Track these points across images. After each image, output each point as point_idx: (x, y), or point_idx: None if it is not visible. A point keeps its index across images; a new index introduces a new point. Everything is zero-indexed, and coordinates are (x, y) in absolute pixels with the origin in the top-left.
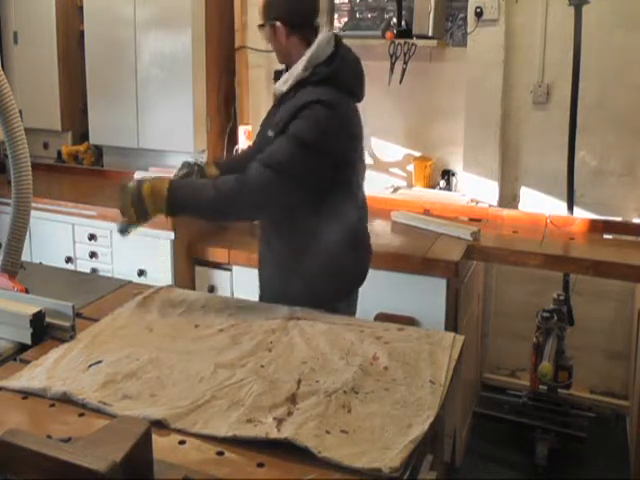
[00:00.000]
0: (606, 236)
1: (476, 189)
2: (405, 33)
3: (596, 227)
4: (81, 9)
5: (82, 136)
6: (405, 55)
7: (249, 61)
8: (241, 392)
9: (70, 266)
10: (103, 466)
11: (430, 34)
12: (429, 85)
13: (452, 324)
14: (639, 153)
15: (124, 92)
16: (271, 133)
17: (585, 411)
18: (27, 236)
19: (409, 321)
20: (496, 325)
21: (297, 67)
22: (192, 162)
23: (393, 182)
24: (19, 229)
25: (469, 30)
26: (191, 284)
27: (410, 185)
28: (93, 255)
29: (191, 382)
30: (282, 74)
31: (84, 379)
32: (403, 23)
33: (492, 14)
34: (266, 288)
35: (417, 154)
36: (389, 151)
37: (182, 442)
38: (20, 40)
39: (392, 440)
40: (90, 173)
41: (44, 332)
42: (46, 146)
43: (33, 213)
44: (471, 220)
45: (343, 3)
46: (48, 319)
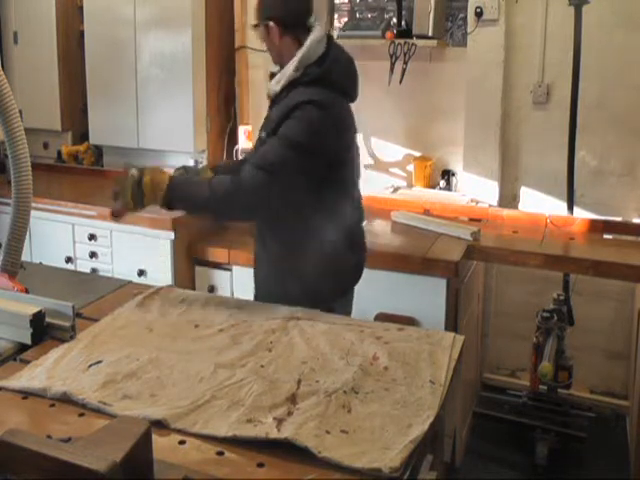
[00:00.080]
0: (606, 236)
1: (476, 189)
2: (405, 33)
3: (596, 227)
4: (81, 9)
5: (82, 136)
6: (405, 55)
7: (249, 61)
8: (241, 392)
9: (70, 266)
10: (103, 466)
11: (430, 34)
12: (429, 85)
13: (452, 324)
14: (639, 153)
15: (124, 92)
16: (264, 134)
17: (585, 411)
18: (27, 236)
19: (409, 321)
20: (496, 325)
21: (289, 67)
22: (189, 167)
23: (393, 182)
24: (19, 229)
25: (469, 30)
26: (191, 284)
27: (410, 185)
28: (93, 255)
29: (191, 382)
30: (276, 75)
31: (84, 379)
32: (403, 23)
33: (492, 14)
34: (261, 288)
35: (417, 154)
36: (389, 151)
37: (182, 442)
38: (20, 40)
39: (392, 440)
40: (90, 173)
41: (44, 332)
42: (46, 146)
43: (33, 213)
44: (471, 220)
45: (343, 3)
46: (48, 319)
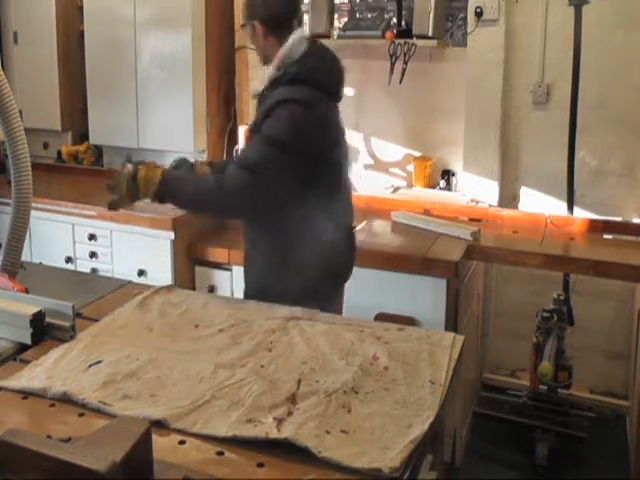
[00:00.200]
0: (606, 236)
1: (476, 189)
2: (405, 33)
3: (596, 227)
4: (81, 9)
5: (82, 136)
6: (405, 55)
7: (249, 61)
8: (241, 392)
9: (70, 266)
10: (103, 466)
11: (430, 34)
12: (429, 85)
13: (452, 324)
14: (639, 153)
15: (124, 92)
16: (249, 134)
17: (585, 411)
18: (27, 236)
19: (409, 321)
20: (496, 325)
21: (271, 67)
22: (185, 159)
23: (393, 182)
24: (19, 229)
25: (469, 30)
26: (191, 284)
27: (410, 185)
28: (93, 255)
29: (191, 382)
30: None
31: (84, 379)
32: (403, 23)
33: (492, 14)
34: (251, 287)
35: (417, 154)
36: (389, 151)
37: (182, 442)
38: (20, 40)
39: (392, 440)
40: (90, 173)
41: (44, 332)
42: (46, 146)
43: (33, 213)
44: (471, 220)
45: (343, 3)
46: (48, 319)
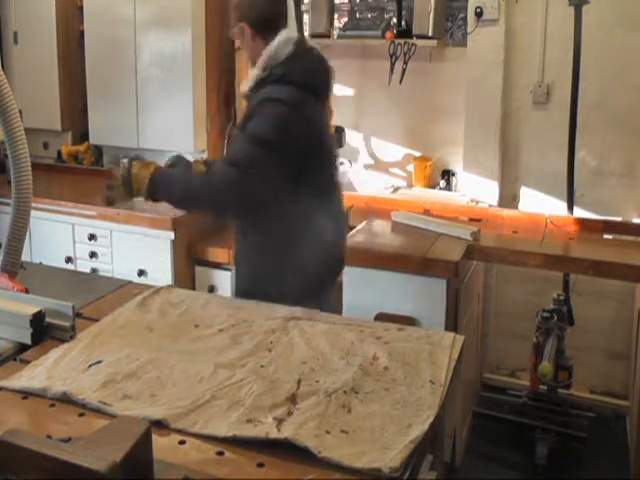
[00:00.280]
0: (606, 236)
1: (476, 189)
2: (405, 33)
3: (596, 227)
4: (81, 9)
5: (82, 136)
6: (405, 55)
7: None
8: (241, 392)
9: (70, 266)
10: (103, 466)
11: (430, 34)
12: (429, 85)
13: (452, 324)
14: (639, 153)
15: (124, 92)
16: (236, 132)
17: (585, 411)
18: (27, 236)
19: (409, 321)
20: (496, 325)
21: (257, 67)
22: (182, 157)
23: (393, 182)
24: (19, 229)
25: (469, 30)
26: (191, 284)
27: (410, 185)
28: (93, 255)
29: (191, 382)
30: None
31: (84, 379)
32: (403, 23)
33: (492, 14)
34: (239, 287)
35: (417, 154)
36: (389, 151)
37: (182, 442)
38: (20, 40)
39: (392, 440)
40: (90, 173)
41: (44, 332)
42: (46, 146)
43: (33, 213)
44: (471, 220)
45: (343, 3)
46: (48, 319)
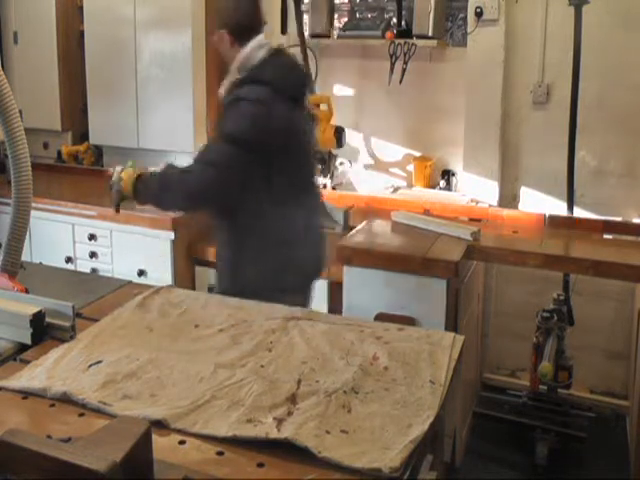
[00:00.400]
0: (606, 236)
1: (476, 189)
2: (405, 33)
3: (596, 227)
4: (81, 9)
5: (82, 136)
6: (405, 55)
7: None
8: (241, 392)
9: (70, 266)
10: (103, 466)
11: (430, 34)
12: (429, 85)
13: (452, 324)
14: (639, 153)
15: (124, 92)
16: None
17: (585, 411)
18: (27, 236)
19: (409, 321)
20: (496, 325)
21: (232, 71)
22: (173, 165)
23: (393, 182)
24: (19, 229)
25: (469, 30)
26: (191, 284)
27: (410, 185)
28: (93, 255)
29: (191, 382)
30: None
31: (84, 379)
32: (403, 23)
33: (492, 14)
34: (220, 288)
35: (417, 154)
36: (389, 151)
37: (182, 442)
38: (20, 40)
39: (392, 440)
40: (90, 173)
41: (44, 332)
42: (46, 146)
43: (33, 213)
44: (471, 220)
45: (343, 3)
46: (48, 319)
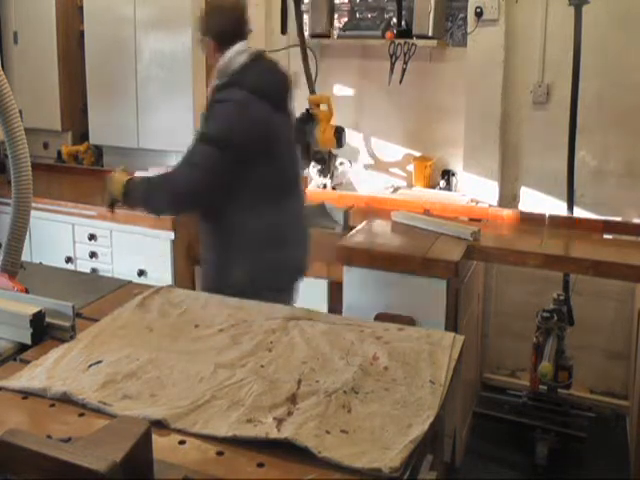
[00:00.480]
0: (606, 236)
1: (476, 189)
2: (405, 33)
3: (596, 227)
4: (81, 9)
5: (82, 136)
6: (405, 55)
7: None
8: (241, 392)
9: (70, 266)
10: (103, 466)
11: (430, 34)
12: (429, 85)
13: (452, 324)
14: (639, 153)
15: (124, 92)
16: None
17: (585, 411)
18: (27, 236)
19: (409, 321)
20: (496, 325)
21: (215, 76)
22: None
23: (393, 182)
24: (19, 229)
25: (469, 30)
26: (191, 284)
27: (410, 185)
28: (93, 255)
29: (191, 382)
30: None
31: (84, 379)
32: (403, 23)
33: (492, 14)
34: (204, 288)
35: (417, 154)
36: (389, 151)
37: (182, 442)
38: (20, 40)
39: (392, 440)
40: (90, 173)
41: (44, 332)
42: (46, 146)
43: (33, 213)
44: (471, 220)
45: (343, 3)
46: (48, 319)
